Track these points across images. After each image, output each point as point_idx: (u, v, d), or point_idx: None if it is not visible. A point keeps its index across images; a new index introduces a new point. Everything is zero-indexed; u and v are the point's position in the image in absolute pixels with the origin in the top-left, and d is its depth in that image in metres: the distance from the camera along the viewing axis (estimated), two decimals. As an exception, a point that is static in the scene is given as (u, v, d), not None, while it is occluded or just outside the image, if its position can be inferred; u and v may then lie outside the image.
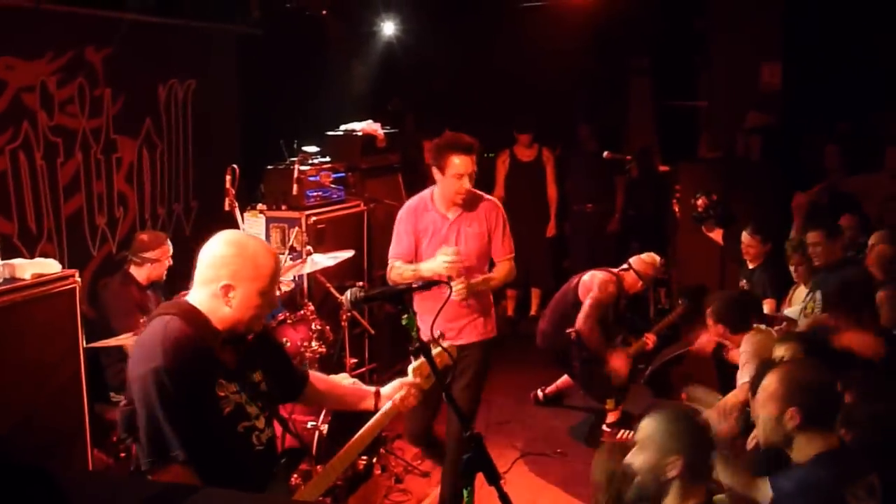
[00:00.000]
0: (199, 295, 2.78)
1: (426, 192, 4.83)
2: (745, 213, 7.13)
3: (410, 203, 4.85)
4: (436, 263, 4.48)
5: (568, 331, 6.19)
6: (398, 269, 4.69)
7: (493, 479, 2.48)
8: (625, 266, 6.51)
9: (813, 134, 8.22)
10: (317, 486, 3.05)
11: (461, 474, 2.43)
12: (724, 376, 5.27)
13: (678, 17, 9.34)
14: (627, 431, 5.93)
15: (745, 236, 6.51)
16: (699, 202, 7.12)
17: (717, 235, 7.20)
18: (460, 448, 3.52)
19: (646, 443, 2.92)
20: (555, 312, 6.45)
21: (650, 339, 6.45)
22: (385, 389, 3.20)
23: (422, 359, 3.00)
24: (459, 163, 4.51)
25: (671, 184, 8.49)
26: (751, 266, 6.55)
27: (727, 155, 8.52)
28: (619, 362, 6.12)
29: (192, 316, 2.73)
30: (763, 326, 5.18)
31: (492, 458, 2.48)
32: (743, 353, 4.91)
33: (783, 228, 6.80)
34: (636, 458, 2.93)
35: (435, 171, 4.66)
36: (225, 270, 2.73)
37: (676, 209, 8.29)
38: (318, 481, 3.06)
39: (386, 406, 3.16)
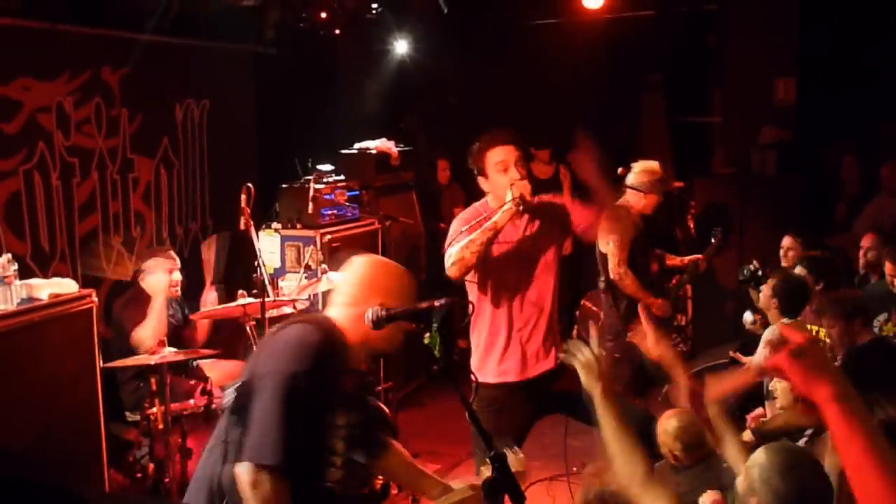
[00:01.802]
0: (344, 314, 2.80)
1: (477, 204, 4.27)
2: (761, 229, 7.10)
3: (464, 215, 4.23)
4: (503, 209, 3.95)
5: (585, 303, 5.82)
6: (461, 242, 3.97)
7: (518, 500, 2.45)
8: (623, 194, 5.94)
9: (828, 148, 8.19)
10: None
11: (485, 495, 2.40)
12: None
13: (691, 33, 9.33)
14: None
15: (786, 238, 6.30)
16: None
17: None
18: None
19: (757, 485, 2.50)
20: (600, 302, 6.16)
21: (699, 261, 6.06)
22: (456, 484, 3.09)
23: (449, 498, 2.92)
24: (499, 152, 4.10)
25: (686, 200, 8.46)
26: None
27: (742, 171, 8.48)
28: (662, 304, 5.72)
29: (333, 333, 2.74)
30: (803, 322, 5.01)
31: (517, 479, 2.45)
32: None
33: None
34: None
35: (481, 180, 4.20)
36: (380, 290, 2.77)
37: (691, 225, 8.26)
38: None
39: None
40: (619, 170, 7.80)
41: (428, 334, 2.82)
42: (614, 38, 9.10)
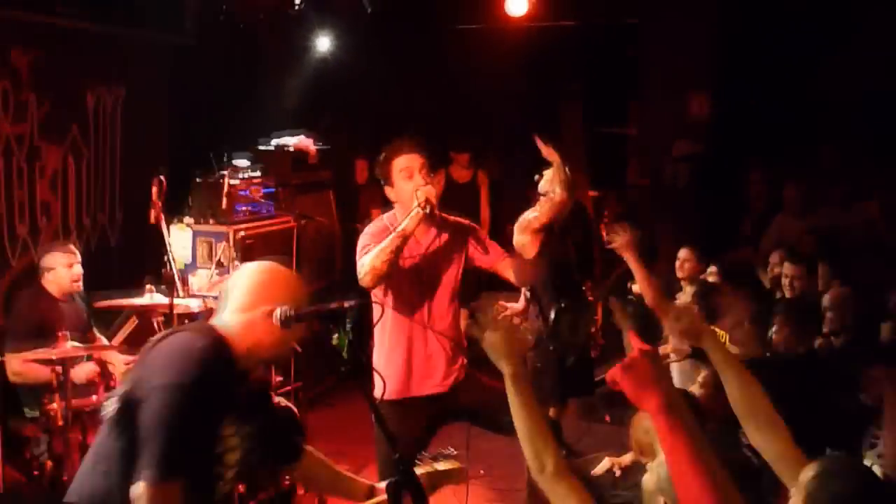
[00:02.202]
0: (231, 321, 2.69)
1: (384, 217, 4.29)
2: (671, 240, 7.24)
3: (370, 229, 4.24)
4: (409, 216, 3.99)
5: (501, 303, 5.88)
6: (372, 252, 4.00)
7: (420, 501, 2.46)
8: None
9: (738, 163, 8.41)
10: None
11: (389, 496, 2.40)
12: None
13: (611, 45, 9.50)
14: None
15: (682, 250, 6.47)
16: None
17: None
18: None
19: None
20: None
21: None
22: (381, 485, 3.05)
23: (428, 468, 2.96)
24: (403, 160, 4.12)
25: (600, 210, 8.59)
26: (685, 286, 6.33)
27: (655, 182, 8.67)
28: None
29: (219, 342, 2.63)
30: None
31: (420, 482, 2.45)
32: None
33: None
34: None
35: (387, 190, 4.22)
36: (267, 296, 2.68)
37: (604, 234, 8.38)
38: None
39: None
40: (536, 176, 7.90)
41: (336, 335, 2.80)
42: (536, 47, 9.21)
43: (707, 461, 1.97)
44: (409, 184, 4.08)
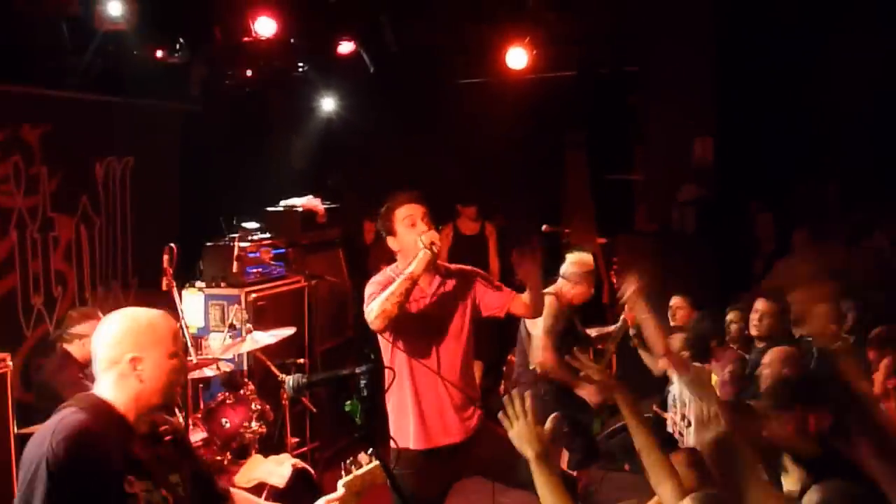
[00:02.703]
0: (105, 382, 2.69)
1: (387, 269, 4.32)
2: (682, 284, 7.24)
3: (377, 279, 4.27)
4: (417, 258, 4.06)
5: (531, 367, 5.93)
6: (381, 296, 4.02)
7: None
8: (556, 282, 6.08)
9: (745, 205, 8.44)
10: None
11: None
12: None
13: (613, 93, 9.57)
14: None
15: (674, 299, 6.54)
16: None
17: None
18: None
19: None
20: (519, 355, 6.24)
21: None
22: None
23: (353, 473, 2.95)
24: (405, 209, 4.21)
25: (609, 256, 8.60)
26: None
27: (663, 227, 8.68)
28: (588, 391, 5.73)
29: (98, 408, 2.64)
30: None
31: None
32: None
33: (719, 299, 6.89)
34: None
35: (390, 241, 4.29)
36: (126, 344, 2.68)
37: (614, 280, 8.38)
38: None
39: None
40: (544, 227, 7.93)
41: (349, 401, 2.80)
42: (539, 98, 9.28)
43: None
44: (412, 231, 4.16)
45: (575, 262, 6.10)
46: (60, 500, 2.47)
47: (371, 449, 2.72)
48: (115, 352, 2.68)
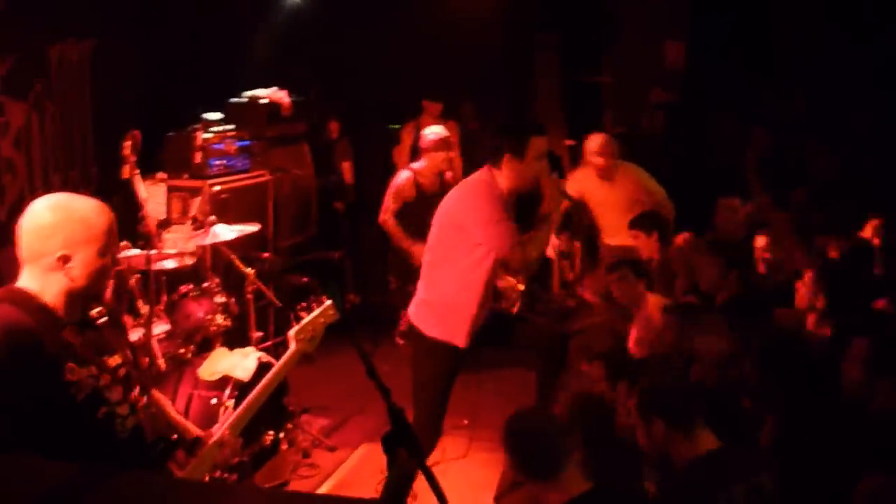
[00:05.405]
0: (30, 274, 2.56)
1: (487, 181, 4.39)
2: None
3: (491, 191, 4.37)
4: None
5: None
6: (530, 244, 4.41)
7: (415, 453, 2.42)
8: None
9: (715, 112, 8.40)
10: (200, 464, 2.88)
11: (384, 449, 2.36)
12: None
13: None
14: None
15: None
16: None
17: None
18: None
19: None
20: None
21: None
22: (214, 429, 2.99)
23: (304, 320, 2.98)
24: (540, 143, 4.36)
25: (577, 157, 8.55)
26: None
27: (631, 130, 8.63)
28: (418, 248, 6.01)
29: (25, 302, 2.51)
30: None
31: (415, 433, 2.42)
32: None
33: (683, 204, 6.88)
34: None
35: (512, 162, 4.33)
36: (56, 240, 2.53)
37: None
38: (201, 460, 2.89)
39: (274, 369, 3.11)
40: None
41: (331, 301, 2.75)
42: (510, -1, 9.09)
43: None
44: (539, 165, 4.39)
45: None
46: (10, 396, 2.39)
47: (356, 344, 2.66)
48: (44, 245, 2.53)
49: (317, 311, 2.99)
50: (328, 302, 3.01)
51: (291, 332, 3.01)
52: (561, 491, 2.83)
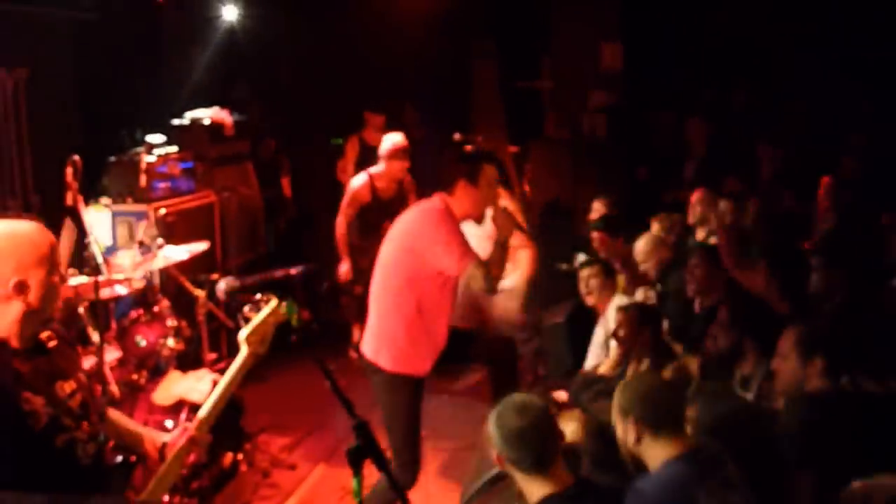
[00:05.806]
0: None
1: (441, 208, 4.36)
2: (593, 191, 7.31)
3: (449, 216, 4.35)
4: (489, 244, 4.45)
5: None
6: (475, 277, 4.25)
7: (382, 465, 2.44)
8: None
9: (657, 112, 8.52)
10: (159, 485, 2.82)
11: (350, 462, 2.37)
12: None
13: (518, 1, 9.47)
14: None
15: (596, 202, 6.52)
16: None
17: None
18: None
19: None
20: None
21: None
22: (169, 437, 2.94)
23: (253, 322, 2.93)
24: (494, 171, 4.44)
25: (521, 164, 8.63)
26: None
27: (574, 134, 8.72)
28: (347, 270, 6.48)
29: None
30: None
31: (379, 444, 2.43)
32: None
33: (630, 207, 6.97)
34: None
35: (465, 188, 4.35)
36: (8, 266, 2.46)
37: (527, 189, 8.44)
38: (170, 466, 2.84)
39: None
40: (456, 135, 7.89)
41: (285, 304, 2.73)
42: (445, 7, 9.12)
43: None
44: (493, 192, 4.44)
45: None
46: None
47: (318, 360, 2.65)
48: None
49: (265, 311, 2.96)
50: (274, 301, 2.97)
51: (241, 335, 2.95)
52: (546, 484, 2.86)
